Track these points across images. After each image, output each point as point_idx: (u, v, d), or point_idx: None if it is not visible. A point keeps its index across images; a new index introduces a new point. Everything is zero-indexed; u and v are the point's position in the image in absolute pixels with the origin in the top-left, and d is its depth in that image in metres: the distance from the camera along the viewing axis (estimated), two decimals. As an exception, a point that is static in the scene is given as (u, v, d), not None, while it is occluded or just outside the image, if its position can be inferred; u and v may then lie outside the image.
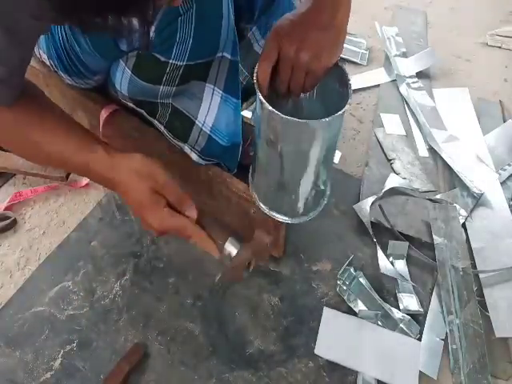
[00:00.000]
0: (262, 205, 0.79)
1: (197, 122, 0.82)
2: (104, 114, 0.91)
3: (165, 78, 0.74)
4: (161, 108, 0.82)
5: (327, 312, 0.85)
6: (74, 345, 0.82)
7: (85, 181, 1.05)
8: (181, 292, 0.88)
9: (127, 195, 0.73)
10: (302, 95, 0.71)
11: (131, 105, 0.84)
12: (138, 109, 0.85)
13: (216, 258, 0.71)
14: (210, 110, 0.81)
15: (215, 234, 0.71)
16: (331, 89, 0.68)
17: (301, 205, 0.76)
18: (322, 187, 0.77)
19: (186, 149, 0.85)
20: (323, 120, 0.61)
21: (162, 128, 0.85)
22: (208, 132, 0.82)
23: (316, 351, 0.81)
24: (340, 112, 0.61)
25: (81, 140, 0.73)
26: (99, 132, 0.97)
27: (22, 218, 1.01)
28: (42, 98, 0.72)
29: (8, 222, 0.98)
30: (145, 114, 0.86)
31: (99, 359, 0.81)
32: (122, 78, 0.77)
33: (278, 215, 0.77)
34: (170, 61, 0.72)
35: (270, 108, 0.61)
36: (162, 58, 0.70)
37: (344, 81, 0.65)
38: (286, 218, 0.77)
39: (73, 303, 0.87)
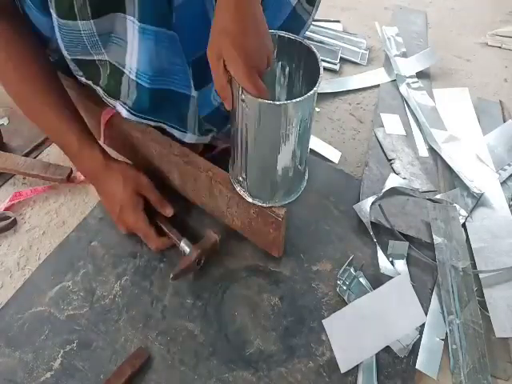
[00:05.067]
0: (244, 193, 0.80)
1: (125, 70, 0.76)
2: (106, 115, 0.91)
3: (76, 9, 0.67)
4: (101, 69, 0.78)
5: (326, 323, 0.84)
6: (74, 345, 0.82)
7: (83, 177, 1.05)
8: (181, 292, 0.88)
9: (111, 195, 0.87)
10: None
11: (76, 73, 0.83)
12: (82, 78, 0.83)
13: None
14: (132, 50, 0.72)
15: (173, 234, 0.89)
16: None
17: (281, 189, 0.79)
18: (300, 169, 0.80)
19: (119, 106, 0.82)
20: (294, 101, 0.62)
21: (101, 92, 0.83)
22: (134, 78, 0.75)
23: (342, 370, 0.79)
24: (310, 93, 0.63)
25: (82, 129, 0.85)
26: (98, 132, 0.97)
27: (22, 218, 1.01)
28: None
29: (8, 222, 0.98)
30: (85, 80, 0.83)
31: (99, 359, 0.81)
32: (56, 30, 0.73)
33: (259, 203, 0.80)
34: None
35: (247, 95, 0.62)
36: None
37: (315, 64, 0.67)
38: (268, 203, 0.80)
39: (73, 303, 0.87)
